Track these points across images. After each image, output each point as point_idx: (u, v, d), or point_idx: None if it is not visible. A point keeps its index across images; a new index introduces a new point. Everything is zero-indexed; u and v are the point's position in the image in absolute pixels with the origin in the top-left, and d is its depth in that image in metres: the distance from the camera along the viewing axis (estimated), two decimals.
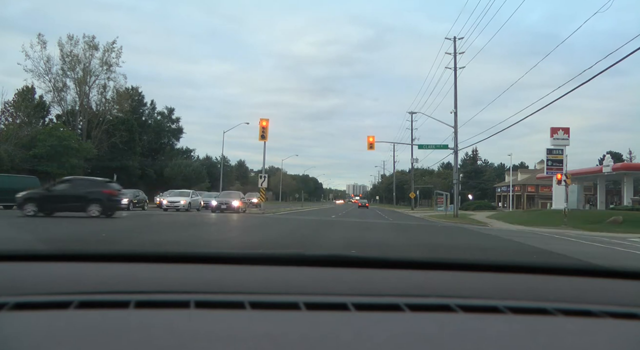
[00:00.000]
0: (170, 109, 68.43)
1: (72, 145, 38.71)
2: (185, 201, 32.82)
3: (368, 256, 1.42)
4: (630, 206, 35.55)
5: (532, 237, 18.27)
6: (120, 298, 1.03)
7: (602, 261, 10.68)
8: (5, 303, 0.98)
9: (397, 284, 1.26)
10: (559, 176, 29.99)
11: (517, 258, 9.32)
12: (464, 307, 1.07)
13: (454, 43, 38.05)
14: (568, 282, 1.37)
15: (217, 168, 59.15)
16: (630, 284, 1.38)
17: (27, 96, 45.37)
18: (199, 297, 1.05)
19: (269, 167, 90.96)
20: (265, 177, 35.12)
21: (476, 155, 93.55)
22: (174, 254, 1.41)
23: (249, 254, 1.43)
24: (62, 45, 46.87)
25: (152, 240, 11.51)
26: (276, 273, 1.30)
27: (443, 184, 72.47)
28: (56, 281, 1.17)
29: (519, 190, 65.79)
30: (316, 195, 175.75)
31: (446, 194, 48.61)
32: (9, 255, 1.35)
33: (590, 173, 43.21)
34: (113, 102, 51.01)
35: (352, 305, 1.04)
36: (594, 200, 48.82)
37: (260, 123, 34.49)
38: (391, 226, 22.60)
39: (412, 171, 66.80)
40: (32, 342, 0.84)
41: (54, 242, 9.86)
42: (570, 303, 1.15)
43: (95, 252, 1.41)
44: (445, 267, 1.41)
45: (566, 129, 33.75)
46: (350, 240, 13.70)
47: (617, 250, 14.80)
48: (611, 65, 17.90)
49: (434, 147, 42.28)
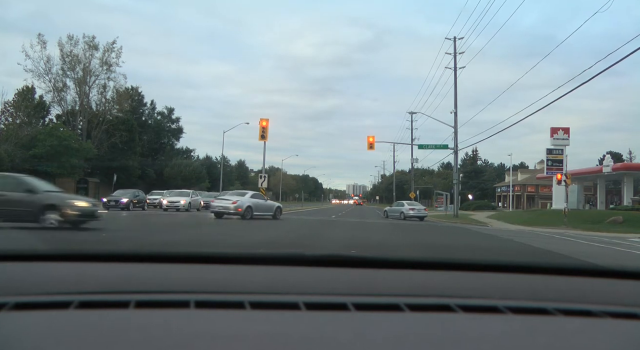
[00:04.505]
0: (170, 109, 68.58)
1: (72, 145, 38.71)
2: (185, 201, 32.83)
3: (368, 256, 1.42)
4: (630, 206, 35.53)
5: (532, 237, 18.27)
6: (120, 298, 1.03)
7: (602, 261, 10.68)
8: (5, 303, 0.98)
9: (397, 284, 1.26)
10: (559, 176, 30.00)
11: (517, 258, 9.31)
12: (464, 307, 1.07)
13: (454, 43, 38.05)
14: (568, 282, 1.37)
15: (217, 168, 59.16)
16: (630, 284, 1.38)
17: (27, 96, 45.36)
18: (199, 297, 1.05)
19: (269, 167, 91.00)
20: (265, 177, 35.12)
21: (476, 155, 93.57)
22: (174, 254, 1.41)
23: (249, 254, 1.43)
24: (62, 45, 46.96)
25: (152, 240, 11.51)
26: (276, 273, 1.30)
27: (443, 184, 72.48)
28: (56, 281, 1.17)
29: (519, 190, 65.80)
30: (316, 195, 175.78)
31: (446, 194, 48.61)
32: (9, 255, 1.35)
33: (590, 173, 43.21)
34: (113, 102, 51.03)
35: (352, 305, 1.04)
36: (594, 200, 48.81)
37: (260, 123, 34.49)
38: (391, 226, 22.60)
39: (412, 171, 66.75)
40: (32, 342, 0.84)
41: (54, 242, 9.86)
42: (570, 303, 1.15)
43: (95, 252, 1.41)
44: (445, 267, 1.41)
45: (566, 129, 33.76)
46: (350, 240, 13.71)
47: (617, 250, 14.80)
48: (611, 66, 17.92)
49: (434, 147, 42.27)
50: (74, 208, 12.12)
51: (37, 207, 11.81)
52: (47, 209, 11.84)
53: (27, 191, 12.35)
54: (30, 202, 11.97)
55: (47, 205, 11.91)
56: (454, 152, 38.80)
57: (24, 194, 12.23)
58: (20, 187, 12.58)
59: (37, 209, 11.80)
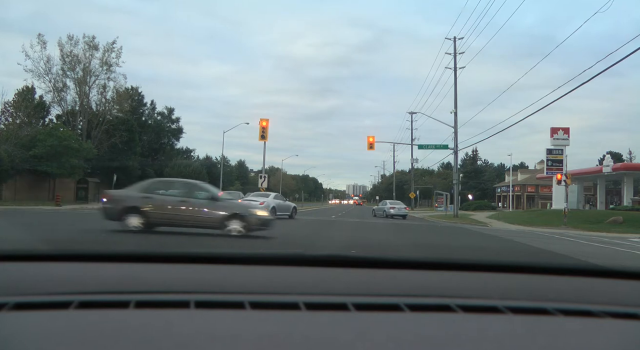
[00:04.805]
0: (170, 109, 68.44)
1: (72, 145, 38.65)
2: None
3: (368, 256, 1.42)
4: (630, 206, 35.56)
5: (532, 237, 18.27)
6: (120, 298, 1.03)
7: (602, 261, 10.67)
8: (5, 303, 0.98)
9: (397, 284, 1.26)
10: (559, 176, 30.00)
11: (517, 258, 9.29)
12: (464, 307, 1.07)
13: (454, 43, 38.05)
14: (568, 282, 1.37)
15: (217, 168, 59.15)
16: (630, 284, 1.38)
17: (27, 96, 45.31)
18: (199, 297, 1.05)
19: (269, 167, 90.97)
20: (265, 177, 35.12)
21: (476, 155, 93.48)
22: (174, 254, 1.41)
23: (249, 254, 1.43)
24: (62, 46, 46.85)
25: (152, 240, 11.50)
26: (276, 273, 1.30)
27: (443, 184, 72.44)
28: (56, 281, 1.17)
29: (519, 191, 65.78)
30: (316, 196, 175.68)
31: (446, 194, 48.59)
32: (9, 255, 1.35)
33: (590, 173, 43.20)
34: (113, 102, 50.97)
35: (352, 305, 1.04)
36: (594, 200, 48.80)
37: (260, 123, 34.50)
38: (391, 226, 22.60)
39: (412, 171, 66.76)
40: (32, 342, 0.84)
41: (54, 242, 9.85)
42: (570, 303, 1.15)
43: (95, 252, 1.40)
44: (445, 267, 1.41)
45: (566, 129, 33.75)
46: (350, 239, 13.70)
47: (617, 250, 14.80)
48: (611, 66, 17.95)
49: (434, 147, 42.27)
50: (257, 217, 12.25)
51: (222, 215, 11.95)
52: (232, 217, 11.94)
53: (210, 199, 12.51)
54: (216, 209, 12.12)
55: (231, 214, 12.04)
56: (454, 152, 38.79)
57: (207, 201, 12.37)
58: (203, 194, 12.77)
59: (222, 217, 11.92)
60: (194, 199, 12.30)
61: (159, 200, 12.23)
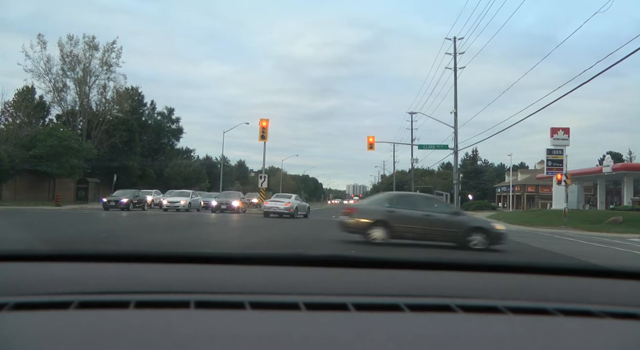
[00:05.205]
0: (170, 109, 68.47)
1: (72, 145, 38.67)
2: (185, 201, 32.83)
3: (368, 256, 1.42)
4: (630, 206, 35.58)
5: (533, 237, 18.27)
6: (120, 298, 1.03)
7: (602, 261, 10.67)
8: (5, 303, 0.98)
9: (397, 284, 1.26)
10: (559, 176, 30.03)
11: (517, 258, 9.33)
12: (464, 307, 1.07)
13: (454, 43, 38.01)
14: (568, 282, 1.37)
15: (217, 168, 59.10)
16: (630, 284, 1.38)
17: (27, 96, 45.31)
18: (199, 297, 1.05)
19: (269, 167, 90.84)
20: (265, 177, 35.10)
21: (476, 155, 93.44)
22: (174, 254, 1.41)
23: (249, 254, 1.43)
24: (62, 46, 46.91)
25: (152, 240, 11.52)
26: (276, 273, 1.30)
27: (443, 184, 72.41)
28: (56, 281, 1.17)
29: (519, 191, 65.80)
30: (316, 196, 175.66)
31: (446, 194, 48.58)
32: (9, 255, 1.35)
33: (590, 173, 43.22)
34: (113, 102, 50.99)
35: (352, 305, 1.04)
36: (594, 200, 48.83)
37: (260, 123, 34.49)
38: None
39: (412, 171, 66.70)
40: (32, 342, 0.84)
41: (54, 242, 9.86)
42: (570, 303, 1.15)
43: (95, 252, 1.40)
44: (445, 267, 1.41)
45: (566, 129, 33.78)
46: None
47: (617, 250, 14.80)
48: (611, 66, 17.90)
49: (434, 147, 42.23)
50: (496, 231, 12.50)
51: (464, 229, 12.21)
52: (474, 231, 12.21)
53: (452, 213, 12.93)
54: (458, 223, 12.36)
55: (474, 228, 12.33)
56: (454, 152, 38.76)
57: (450, 215, 12.70)
58: (444, 208, 13.34)
59: (464, 231, 12.18)
60: (438, 214, 12.55)
61: (405, 214, 12.39)
